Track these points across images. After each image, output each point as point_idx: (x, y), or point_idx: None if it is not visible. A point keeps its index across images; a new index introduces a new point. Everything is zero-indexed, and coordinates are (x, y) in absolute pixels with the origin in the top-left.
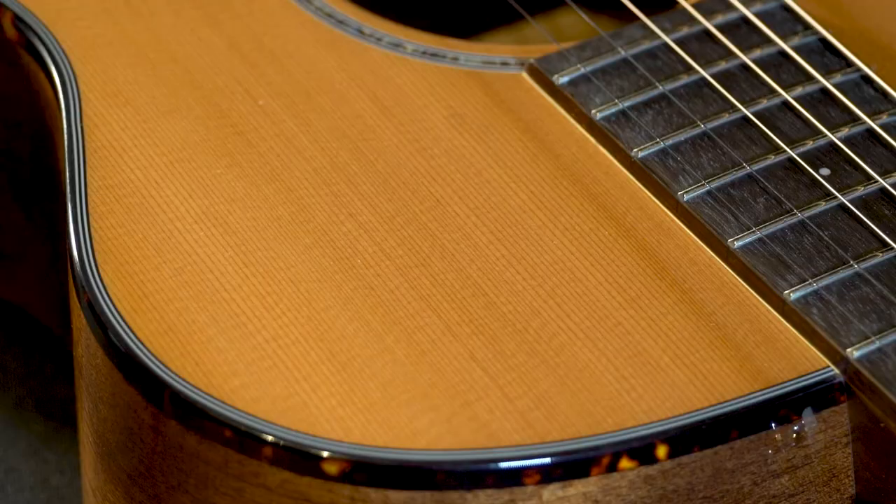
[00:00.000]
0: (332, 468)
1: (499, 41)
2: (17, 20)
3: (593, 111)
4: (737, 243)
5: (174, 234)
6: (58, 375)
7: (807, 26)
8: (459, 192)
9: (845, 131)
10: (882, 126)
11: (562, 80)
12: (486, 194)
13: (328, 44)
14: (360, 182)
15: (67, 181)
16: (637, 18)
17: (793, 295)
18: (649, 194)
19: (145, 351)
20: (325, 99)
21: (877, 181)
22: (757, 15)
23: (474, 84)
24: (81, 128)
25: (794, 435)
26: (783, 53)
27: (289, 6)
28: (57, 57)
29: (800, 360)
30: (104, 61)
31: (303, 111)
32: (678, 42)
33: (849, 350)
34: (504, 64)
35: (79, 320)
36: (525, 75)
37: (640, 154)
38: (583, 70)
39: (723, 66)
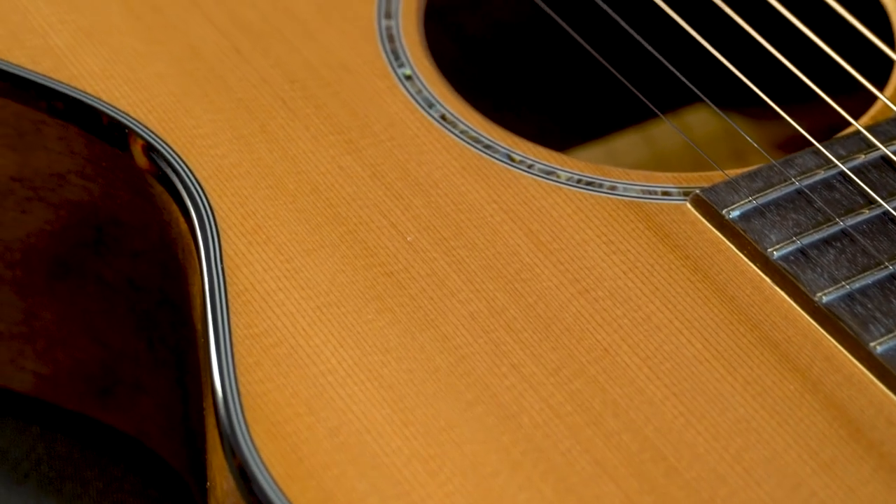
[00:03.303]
0: None
1: (627, 141)
2: (149, 148)
3: (769, 249)
4: None
5: (326, 390)
6: None
7: None
8: (628, 340)
9: None
10: None
11: (732, 213)
12: (657, 342)
13: (476, 171)
14: (520, 328)
15: (211, 328)
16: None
17: None
18: (836, 343)
19: None
20: (477, 234)
21: None
22: None
23: (635, 216)
24: (222, 269)
25: None
26: None
27: (432, 130)
28: (192, 189)
29: None
30: (242, 193)
31: (454, 248)
32: (856, 171)
33: None
34: (665, 193)
35: (225, 481)
36: (690, 207)
37: (825, 299)
38: (755, 203)
39: None
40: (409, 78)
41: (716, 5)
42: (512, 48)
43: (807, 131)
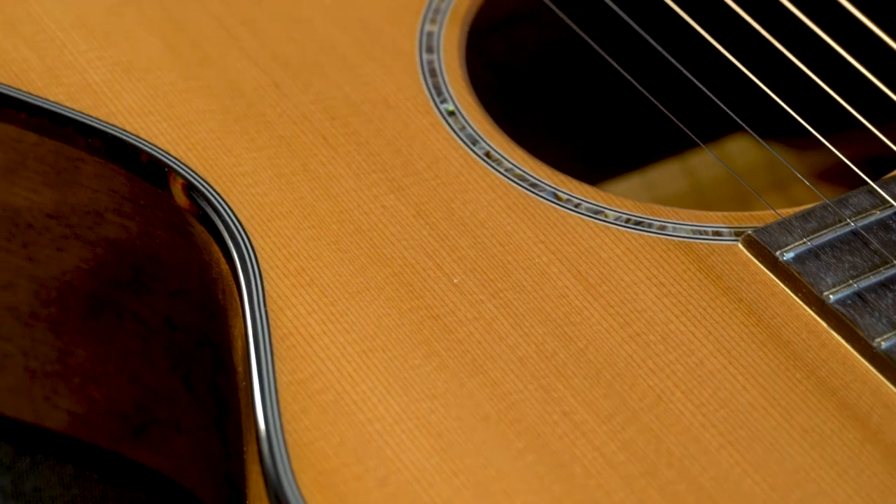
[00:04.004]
0: None
1: (665, 172)
2: (189, 188)
3: (825, 293)
4: None
5: (374, 438)
6: None
7: None
8: (682, 386)
9: None
10: None
11: (786, 255)
12: (711, 388)
13: (523, 211)
14: (570, 374)
15: (255, 373)
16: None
17: None
18: None
19: None
20: (525, 275)
21: None
22: None
23: (686, 257)
24: (266, 312)
25: None
26: None
27: (476, 167)
28: (233, 229)
29: None
30: (284, 234)
31: (501, 290)
32: None
33: None
34: (716, 234)
35: None
36: (742, 248)
37: (884, 345)
38: (809, 244)
39: None
40: (451, 114)
41: (753, 31)
42: (546, 75)
43: (850, 160)
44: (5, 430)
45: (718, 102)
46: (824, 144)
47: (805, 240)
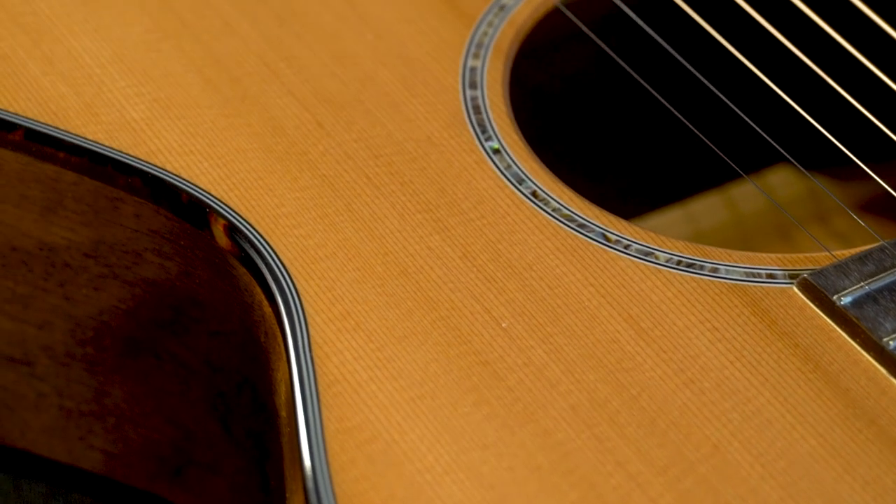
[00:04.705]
0: None
1: (706, 204)
2: (231, 229)
3: (885, 339)
4: None
5: (424, 490)
6: None
7: None
8: (739, 436)
9: None
10: None
11: (844, 300)
12: (769, 438)
13: (571, 252)
14: (624, 422)
15: (302, 421)
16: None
17: None
18: None
19: None
20: (575, 319)
21: None
22: None
23: (739, 301)
24: (311, 358)
25: None
26: None
27: (523, 207)
28: (277, 272)
29: None
30: (328, 277)
31: (551, 335)
32: None
33: None
34: (770, 276)
35: None
36: (797, 291)
37: None
38: (867, 288)
39: None
40: (497, 152)
41: (795, 59)
42: (583, 104)
43: (894, 191)
44: (39, 469)
45: (761, 132)
46: (868, 175)
47: (863, 283)
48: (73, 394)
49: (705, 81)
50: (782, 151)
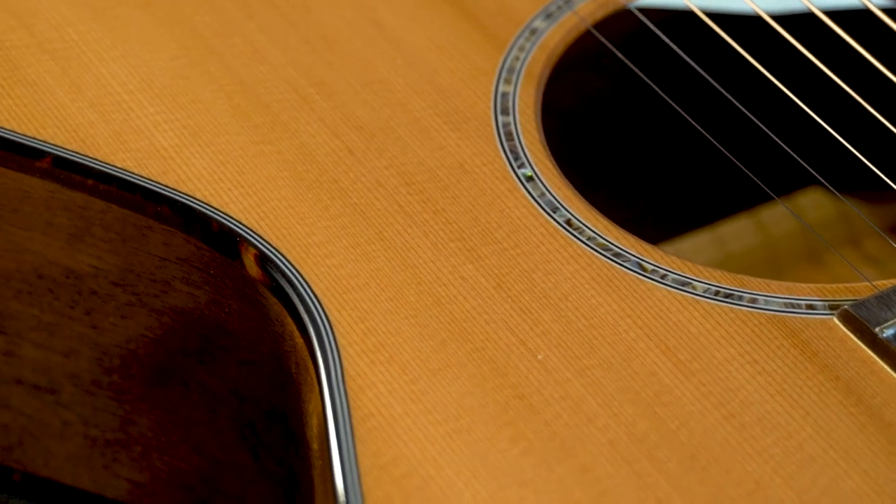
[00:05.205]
0: None
1: (735, 227)
2: (262, 258)
3: None
4: None
5: None
6: None
7: None
8: (781, 472)
9: None
10: None
11: (886, 332)
12: (812, 474)
13: (607, 283)
14: (664, 458)
15: (336, 456)
16: None
17: None
18: None
19: None
20: (612, 351)
21: None
22: None
23: (779, 332)
24: (345, 391)
25: None
26: None
27: (558, 236)
28: (309, 302)
29: None
30: (361, 307)
31: (588, 367)
32: None
33: None
34: (810, 307)
35: None
36: (838, 322)
37: None
38: None
39: None
40: (530, 179)
41: (825, 79)
42: (611, 124)
43: None
44: (64, 498)
45: (793, 154)
46: None
47: None
48: (98, 422)
49: (735, 102)
50: (814, 173)
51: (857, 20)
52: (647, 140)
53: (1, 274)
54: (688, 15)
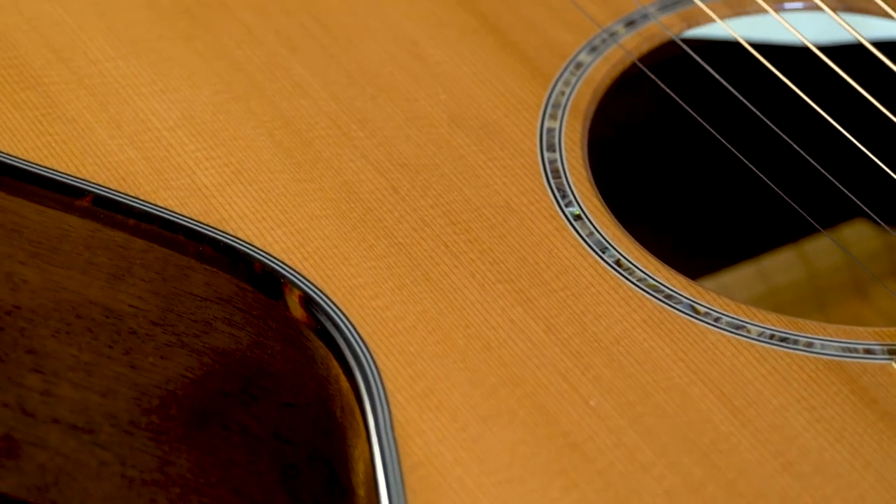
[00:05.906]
0: None
1: (779, 261)
2: (306, 300)
3: None
4: None
5: None
6: None
7: None
8: None
9: None
10: None
11: None
12: None
13: (660, 326)
14: None
15: None
16: None
17: None
18: None
19: None
20: (666, 397)
21: None
22: None
23: (837, 378)
24: (394, 438)
25: None
26: None
27: (608, 277)
28: (355, 346)
29: None
30: (408, 351)
31: (642, 414)
32: None
33: None
34: (868, 351)
35: None
36: None
37: None
38: None
39: None
40: (578, 218)
41: (871, 110)
42: (650, 156)
43: None
44: None
45: (840, 186)
46: None
47: None
48: (136, 462)
49: (781, 133)
50: (860, 205)
51: None
52: (692, 172)
53: (39, 313)
54: (733, 46)
